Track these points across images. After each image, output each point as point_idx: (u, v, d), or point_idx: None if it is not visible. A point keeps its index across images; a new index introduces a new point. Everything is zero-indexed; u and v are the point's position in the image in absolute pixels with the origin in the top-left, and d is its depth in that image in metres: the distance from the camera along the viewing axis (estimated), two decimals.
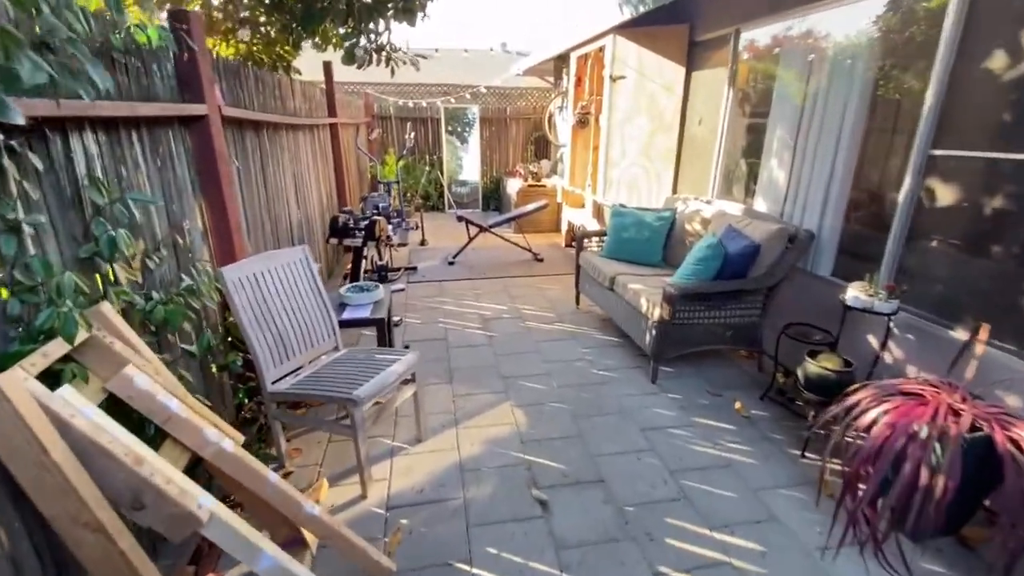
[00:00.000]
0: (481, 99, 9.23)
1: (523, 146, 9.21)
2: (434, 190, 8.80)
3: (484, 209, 9.15)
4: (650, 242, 3.87)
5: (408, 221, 6.49)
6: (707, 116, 4.27)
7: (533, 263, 5.77)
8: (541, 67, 8.45)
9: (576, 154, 6.24)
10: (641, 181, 4.88)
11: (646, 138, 4.75)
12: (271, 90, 3.25)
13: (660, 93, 4.59)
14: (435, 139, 8.93)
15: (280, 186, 3.36)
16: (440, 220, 8.24)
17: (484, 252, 6.13)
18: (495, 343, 3.68)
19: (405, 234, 6.12)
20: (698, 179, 4.46)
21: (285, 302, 2.36)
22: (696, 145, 4.48)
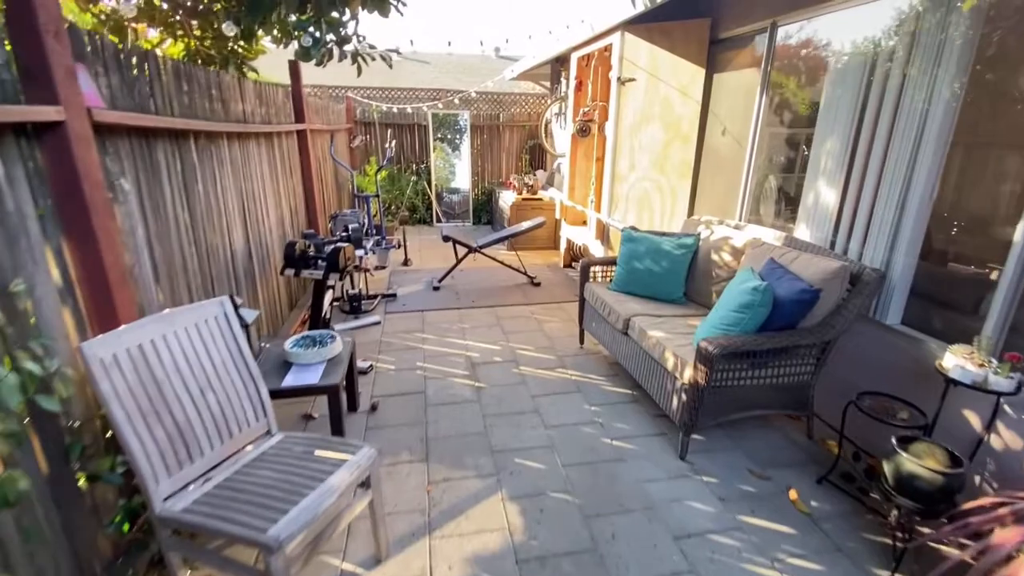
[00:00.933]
0: (472, 105, 8.62)
1: (517, 155, 8.60)
2: (421, 202, 8.15)
3: (475, 223, 8.52)
4: (670, 275, 3.24)
5: (389, 239, 5.84)
6: (733, 125, 3.67)
7: (529, 288, 5.13)
8: (537, 71, 7.87)
9: (576, 166, 5.63)
10: (653, 198, 4.27)
11: (659, 149, 4.14)
12: (204, 90, 2.60)
13: (676, 98, 3.98)
14: (423, 147, 8.30)
15: (217, 209, 2.70)
16: (427, 235, 7.59)
17: (474, 274, 5.49)
18: (485, 398, 3.03)
19: (385, 254, 5.46)
20: (721, 198, 3.85)
21: (190, 380, 1.70)
22: (718, 158, 3.88)
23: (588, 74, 5.27)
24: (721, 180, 3.85)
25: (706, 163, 4.01)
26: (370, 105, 7.96)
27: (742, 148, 3.52)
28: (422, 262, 6.09)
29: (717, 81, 3.80)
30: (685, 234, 3.38)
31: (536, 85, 8.47)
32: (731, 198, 3.70)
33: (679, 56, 3.89)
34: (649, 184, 4.25)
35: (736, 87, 3.63)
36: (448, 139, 8.65)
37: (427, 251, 6.60)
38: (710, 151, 3.94)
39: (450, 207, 8.60)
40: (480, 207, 8.55)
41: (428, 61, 20.02)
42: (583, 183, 5.71)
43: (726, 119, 3.72)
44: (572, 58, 5.31)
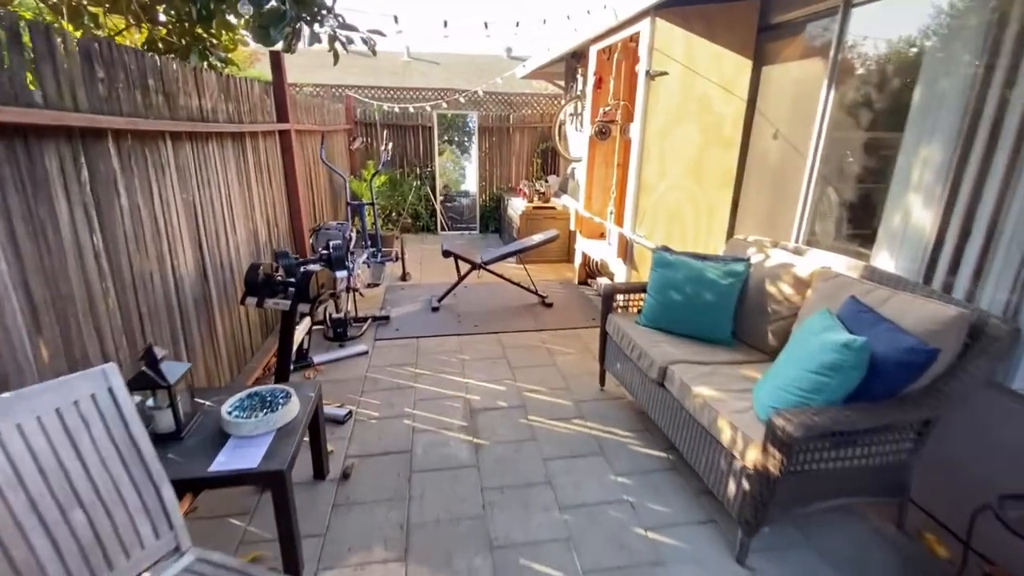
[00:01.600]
0: (481, 106, 8.09)
1: (528, 160, 8.04)
2: (424, 209, 7.61)
3: (482, 231, 7.96)
4: (714, 309, 2.65)
5: (387, 251, 5.30)
6: (788, 127, 3.07)
7: (540, 309, 4.55)
8: (550, 68, 7.30)
9: (594, 172, 5.05)
10: (686, 212, 3.67)
11: (695, 154, 3.55)
12: (135, 79, 2.07)
13: (716, 95, 3.39)
14: (427, 150, 7.76)
15: (152, 228, 2.17)
16: (430, 244, 7.04)
17: (478, 292, 4.92)
18: (485, 460, 2.46)
19: (380, 269, 4.91)
20: (770, 214, 3.24)
21: (44, 497, 1.15)
22: (768, 167, 3.27)
23: (609, 69, 4.69)
24: (771, 193, 3.25)
25: (752, 172, 3.40)
26: (371, 105, 7.44)
27: (801, 155, 2.92)
28: (422, 276, 5.53)
29: (767, 75, 3.21)
30: (732, 258, 2.78)
31: (549, 84, 7.90)
32: (784, 214, 3.10)
33: (721, 46, 3.30)
34: (682, 195, 3.66)
35: (793, 82, 3.03)
36: (456, 141, 8.11)
37: (429, 263, 6.05)
38: (757, 158, 3.34)
39: (458, 212, 8.04)
40: (488, 214, 7.99)
41: (438, 62, 19.62)
42: (601, 192, 5.13)
43: (779, 120, 3.12)
44: (591, 52, 4.73)
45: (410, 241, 7.19)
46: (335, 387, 3.14)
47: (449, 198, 7.96)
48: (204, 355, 2.57)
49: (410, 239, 7.31)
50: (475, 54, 21.38)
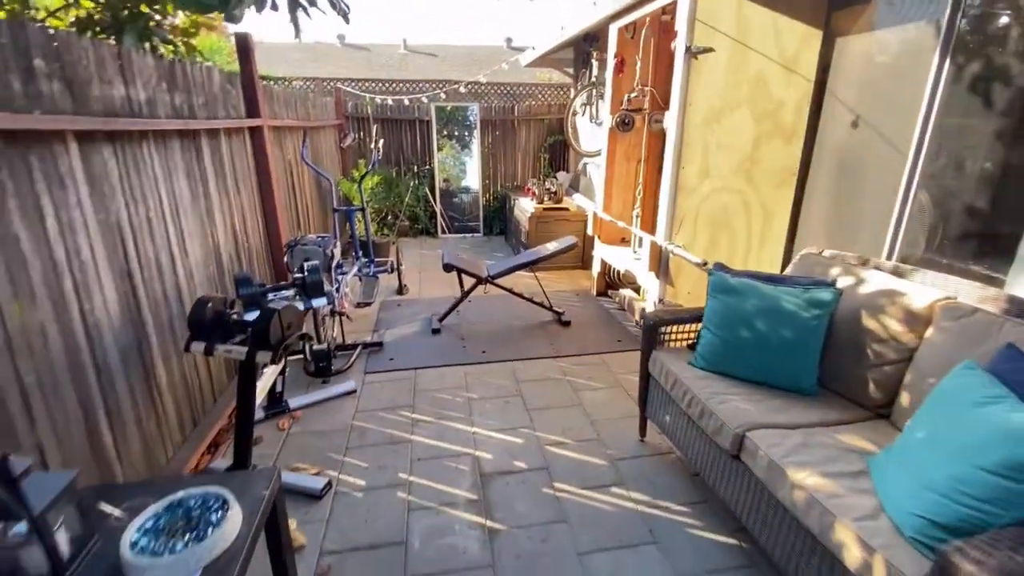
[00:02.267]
0: (483, 98, 7.47)
1: (535, 155, 7.41)
2: (423, 210, 7.00)
3: (486, 233, 7.35)
4: (796, 350, 2.05)
5: (381, 262, 4.71)
6: (873, 112, 2.45)
7: (556, 328, 3.96)
8: (558, 55, 6.68)
9: (615, 169, 4.44)
10: (736, 217, 3.07)
11: (747, 148, 2.94)
12: (13, 58, 1.47)
13: (774, 75, 2.77)
14: (425, 145, 7.14)
15: (42, 265, 1.58)
16: (430, 249, 6.45)
17: (485, 307, 4.33)
18: (501, 556, 1.88)
19: (373, 284, 4.32)
20: (848, 221, 2.64)
21: None
22: (844, 162, 2.66)
23: (633, 50, 4.06)
24: (847, 195, 2.64)
25: (820, 169, 2.79)
26: (363, 98, 6.82)
27: (894, 148, 2.30)
28: (422, 288, 4.95)
29: (843, 48, 2.59)
30: (812, 282, 2.17)
31: (558, 73, 7.26)
32: (867, 223, 2.50)
33: (780, 12, 2.68)
34: (730, 198, 3.05)
35: (884, 54, 2.41)
36: (457, 136, 7.48)
37: (429, 272, 5.45)
38: (828, 151, 2.72)
39: (459, 211, 7.42)
40: (492, 215, 7.38)
41: (435, 54, 18.97)
42: (623, 191, 4.52)
43: (861, 104, 2.51)
44: (611, 30, 4.11)
45: (408, 247, 6.59)
46: (314, 441, 2.56)
47: (450, 194, 7.34)
48: (138, 421, 1.98)
49: (408, 244, 6.71)
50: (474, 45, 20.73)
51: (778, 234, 2.98)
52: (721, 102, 2.91)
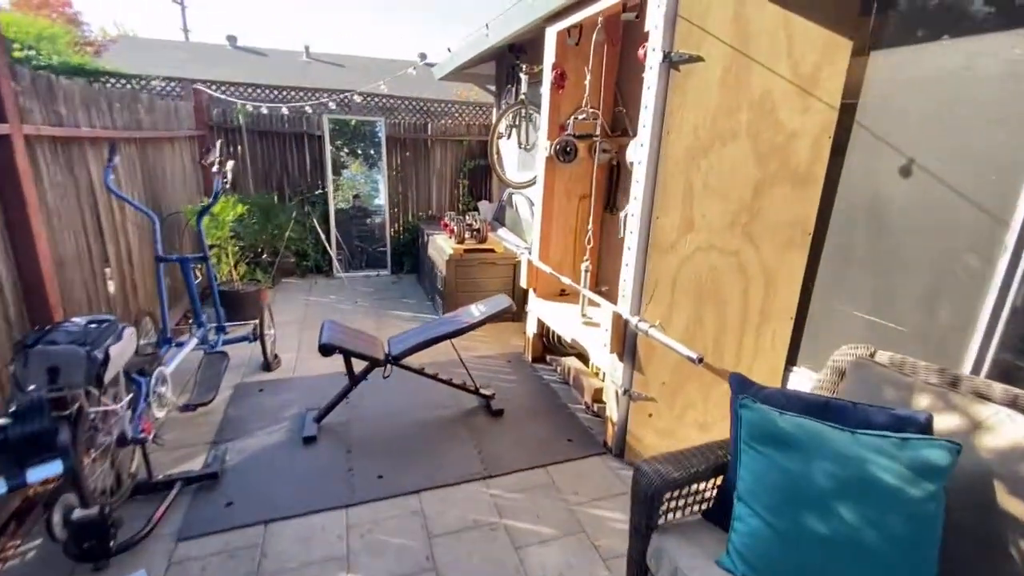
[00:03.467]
0: (392, 113, 6.37)
1: (452, 180, 6.42)
2: (312, 246, 5.67)
3: (394, 271, 6.18)
4: (904, 552, 1.19)
5: (236, 327, 3.40)
6: (939, 156, 1.74)
7: (483, 420, 2.93)
8: (477, 69, 5.79)
9: (554, 206, 3.55)
10: (729, 286, 2.26)
11: (746, 193, 2.15)
12: None
13: (784, 97, 2.02)
14: (317, 166, 5.87)
15: None
16: (322, 295, 5.15)
17: (385, 391, 3.18)
18: None
19: (219, 365, 3.00)
20: (895, 307, 1.90)
21: None
22: (886, 221, 1.94)
23: (581, 59, 3.23)
24: (893, 269, 1.91)
25: (847, 226, 2.06)
26: (233, 104, 5.43)
27: (985, 210, 1.59)
28: (301, 357, 3.69)
29: (880, 64, 1.88)
30: (895, 418, 1.35)
31: (479, 89, 6.37)
32: (932, 312, 1.77)
33: (793, 12, 1.94)
34: (721, 260, 2.24)
35: (962, 76, 1.72)
36: (363, 154, 6.28)
37: (314, 331, 4.19)
38: (860, 204, 2.00)
39: (370, 237, 6.17)
40: (402, 249, 6.23)
41: (342, 64, 17.49)
42: (564, 234, 3.64)
43: (918, 144, 1.79)
44: (547, 35, 3.25)
45: (290, 292, 5.25)
46: None
47: (364, 212, 6.10)
48: None
49: (291, 289, 5.36)
50: (386, 58, 19.52)
51: (783, 309, 2.21)
52: (711, 130, 2.11)
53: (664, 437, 2.53)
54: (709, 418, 2.43)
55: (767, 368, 2.29)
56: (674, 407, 2.48)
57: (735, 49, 2.02)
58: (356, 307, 4.87)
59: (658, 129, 2.22)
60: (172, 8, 21.83)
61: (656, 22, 2.15)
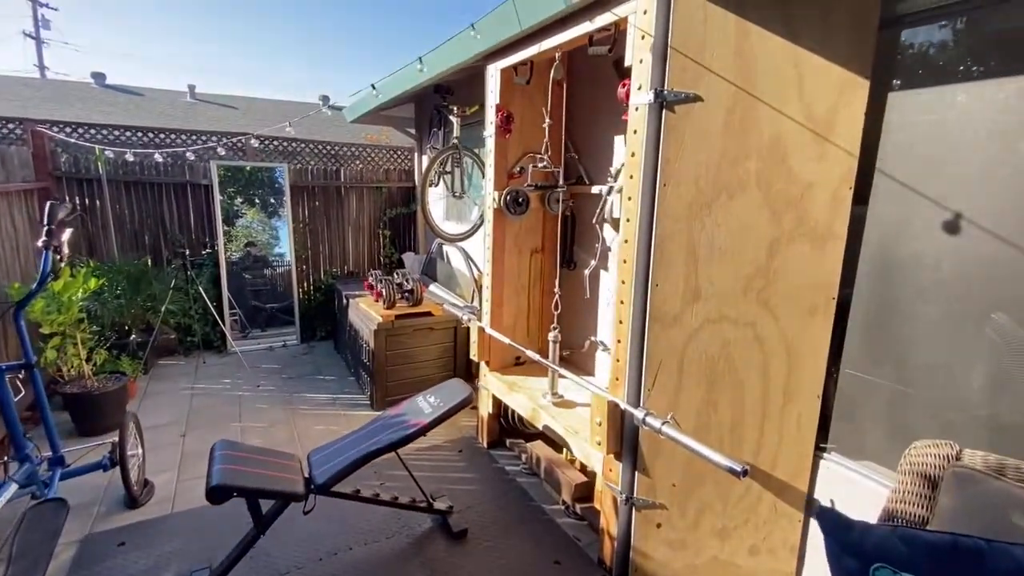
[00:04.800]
0: (294, 158, 5.62)
1: (372, 231, 5.74)
2: (198, 318, 4.66)
3: (304, 339, 5.28)
4: None
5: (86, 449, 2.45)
6: (988, 205, 1.50)
7: (441, 548, 2.27)
8: (393, 111, 5.30)
9: (505, 264, 3.07)
10: (745, 363, 1.89)
11: (760, 254, 1.81)
12: None
13: (797, 143, 1.73)
14: (203, 220, 4.92)
15: None
16: (212, 380, 4.17)
17: (304, 526, 2.38)
18: None
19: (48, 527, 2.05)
20: (948, 382, 1.60)
21: None
22: (923, 283, 1.66)
23: (536, 99, 2.84)
24: (934, 336, 1.63)
25: (877, 288, 1.77)
26: (91, 149, 4.40)
27: None
28: (186, 476, 2.77)
29: (900, 105, 1.65)
30: None
31: (392, 133, 5.85)
32: (996, 391, 1.48)
33: (804, 48, 1.67)
34: (735, 333, 1.87)
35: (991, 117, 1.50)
36: (261, 203, 5.41)
37: (203, 431, 3.26)
38: (893, 262, 1.72)
39: (271, 293, 5.23)
40: (314, 313, 5.37)
41: (235, 106, 16.15)
42: (516, 293, 3.16)
43: (953, 193, 1.55)
44: (490, 72, 2.84)
45: (169, 378, 4.21)
46: None
47: (263, 262, 5.18)
48: None
49: (170, 374, 4.31)
50: (283, 100, 18.42)
51: (809, 386, 1.88)
52: (715, 181, 1.77)
53: (677, 550, 2.05)
54: (730, 523, 2.00)
55: (795, 455, 1.93)
56: (687, 512, 2.02)
57: (739, 88, 1.71)
58: (258, 392, 3.96)
59: (650, 180, 1.84)
60: (27, 44, 19.12)
61: (641, 56, 1.80)
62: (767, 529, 1.98)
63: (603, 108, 2.76)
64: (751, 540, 2.01)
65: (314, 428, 3.40)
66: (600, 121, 2.79)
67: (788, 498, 1.95)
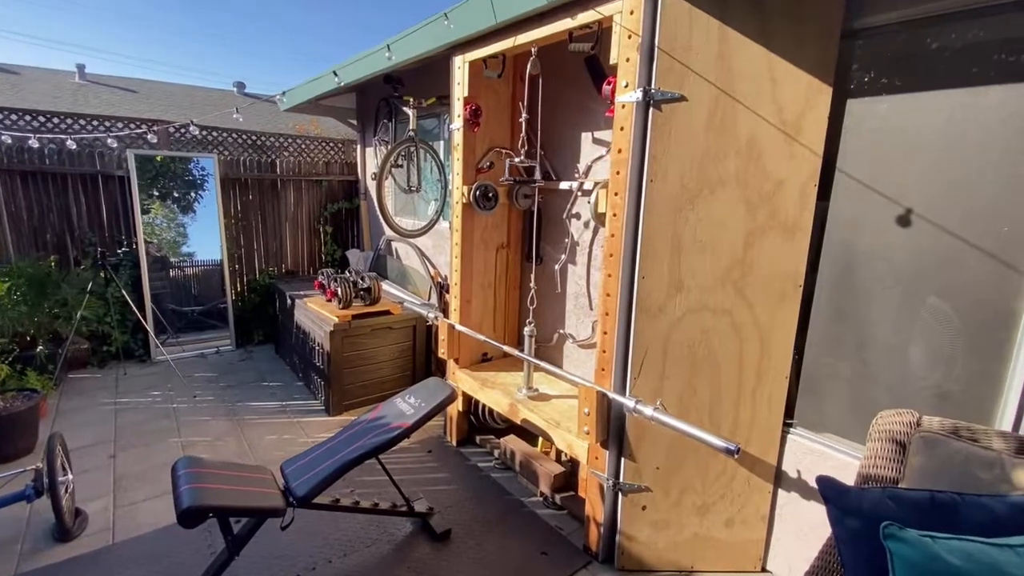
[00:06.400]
0: (225, 148, 5.17)
1: (311, 227, 5.43)
2: (116, 323, 4.17)
3: (240, 344, 4.90)
4: None
5: None
6: (947, 206, 1.70)
7: (425, 551, 2.21)
8: (333, 101, 5.05)
9: (473, 260, 3.03)
10: (723, 349, 2.01)
11: (737, 246, 1.94)
12: None
13: (771, 143, 1.86)
14: (120, 216, 4.40)
15: None
16: (141, 394, 3.75)
17: (277, 542, 2.22)
18: None
19: None
20: (897, 362, 1.81)
21: None
22: (877, 270, 1.86)
23: (505, 93, 2.82)
24: (895, 322, 1.83)
25: (835, 277, 1.95)
26: None
27: (995, 260, 1.56)
28: (126, 502, 2.48)
29: (859, 112, 1.83)
30: None
31: (343, 124, 5.56)
32: (944, 366, 1.70)
33: (777, 55, 1.80)
34: (714, 321, 1.98)
35: (917, 121, 1.70)
36: (177, 197, 4.91)
37: (138, 451, 2.93)
38: (853, 254, 1.90)
39: (185, 293, 4.78)
40: (250, 314, 4.99)
41: (135, 89, 14.58)
42: (484, 289, 3.14)
43: (912, 190, 1.74)
44: (457, 63, 2.79)
45: (85, 393, 3.74)
46: None
47: (162, 263, 4.72)
48: None
49: (86, 388, 3.83)
50: (193, 85, 16.94)
51: (778, 367, 2.04)
52: (698, 178, 1.86)
53: (661, 530, 2.15)
54: (709, 499, 2.13)
55: (765, 431, 2.08)
56: (670, 493, 2.12)
57: (720, 90, 1.81)
58: (195, 404, 3.62)
59: (636, 176, 1.90)
60: None
61: (628, 55, 1.85)
62: (741, 502, 2.13)
63: (570, 104, 2.80)
64: (727, 513, 2.15)
65: (266, 438, 3.17)
66: (566, 117, 2.83)
67: (760, 471, 2.10)
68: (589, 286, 2.85)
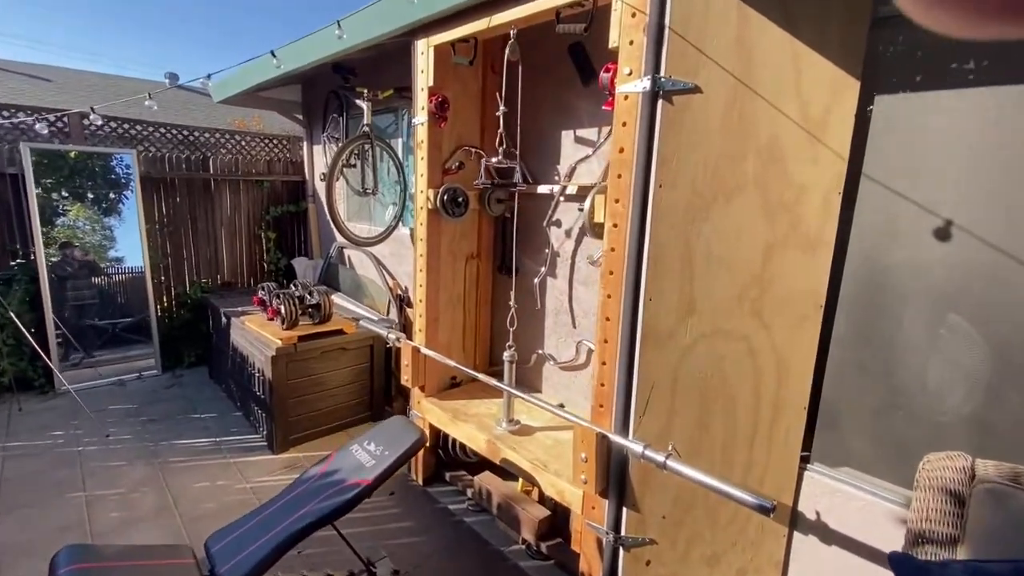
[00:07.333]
0: (148, 143, 4.53)
1: (251, 233, 4.87)
2: (6, 356, 3.50)
3: (169, 366, 4.30)
4: None
5: None
6: (982, 210, 1.50)
7: None
8: (272, 93, 4.54)
9: (440, 273, 2.67)
10: (739, 379, 1.75)
11: (755, 261, 1.68)
12: None
13: (794, 144, 1.62)
14: (15, 221, 3.73)
15: None
16: (36, 430, 3.13)
17: None
18: None
19: None
20: (930, 398, 1.60)
21: None
22: (909, 290, 1.65)
23: (460, 81, 2.47)
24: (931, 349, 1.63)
25: (861, 296, 1.73)
26: None
27: None
28: (10, 572, 1.95)
29: (889, 109, 1.61)
30: None
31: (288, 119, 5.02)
32: (994, 403, 1.50)
33: (802, 41, 1.56)
34: (728, 347, 1.72)
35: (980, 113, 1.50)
36: (95, 197, 4.25)
37: (29, 506, 2.37)
38: (878, 271, 1.68)
39: (95, 300, 4.14)
40: (178, 334, 4.39)
41: (48, 78, 13.16)
42: (452, 306, 2.78)
43: (945, 199, 1.54)
44: (419, 48, 2.42)
45: None
46: None
47: (86, 268, 4.08)
48: None
49: None
50: (117, 75, 15.54)
51: (796, 398, 1.81)
52: (713, 183, 1.60)
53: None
54: (719, 548, 1.87)
55: (781, 469, 1.85)
56: (677, 544, 1.84)
57: (738, 80, 1.55)
58: (108, 445, 3.06)
59: (642, 180, 1.61)
60: None
61: (632, 36, 1.55)
62: (754, 550, 1.89)
63: (549, 98, 2.49)
64: (739, 563, 1.90)
65: (194, 486, 2.68)
66: (545, 113, 2.52)
67: (774, 514, 1.87)
68: (572, 301, 2.55)
